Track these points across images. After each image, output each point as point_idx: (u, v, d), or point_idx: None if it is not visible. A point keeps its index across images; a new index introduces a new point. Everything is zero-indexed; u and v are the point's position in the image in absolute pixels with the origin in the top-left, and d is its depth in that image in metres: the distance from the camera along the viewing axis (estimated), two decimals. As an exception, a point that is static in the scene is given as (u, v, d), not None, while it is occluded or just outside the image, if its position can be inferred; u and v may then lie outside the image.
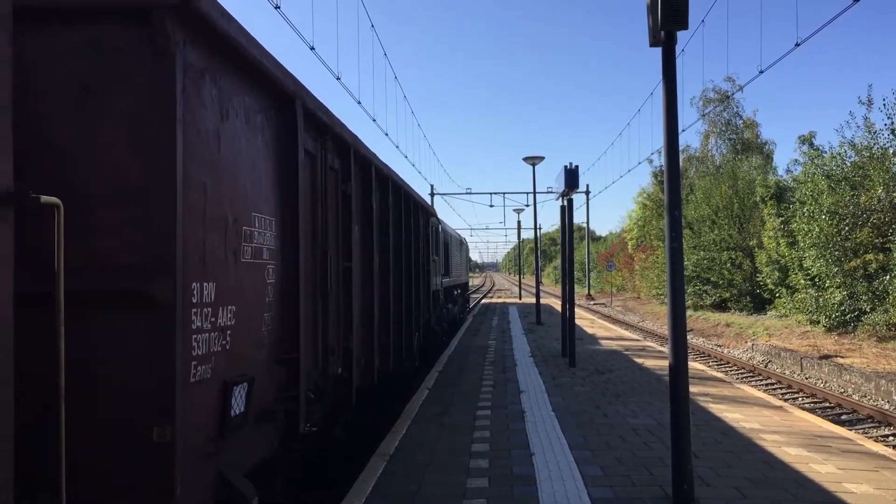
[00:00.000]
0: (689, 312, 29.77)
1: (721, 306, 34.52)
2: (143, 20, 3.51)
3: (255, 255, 4.73)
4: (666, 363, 6.34)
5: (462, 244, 31.60)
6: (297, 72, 5.38)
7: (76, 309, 3.10)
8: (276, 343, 5.15)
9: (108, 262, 3.49)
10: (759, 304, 31.64)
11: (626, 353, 16.26)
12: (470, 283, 45.77)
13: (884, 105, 22.06)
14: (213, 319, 4.03)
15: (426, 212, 14.84)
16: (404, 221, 11.31)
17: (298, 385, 5.37)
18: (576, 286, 38.28)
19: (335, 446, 7.30)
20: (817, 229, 23.21)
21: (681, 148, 6.11)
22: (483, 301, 46.95)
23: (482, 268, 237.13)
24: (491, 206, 59.21)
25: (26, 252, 3.05)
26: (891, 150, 22.25)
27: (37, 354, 2.84)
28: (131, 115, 3.55)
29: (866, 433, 12.01)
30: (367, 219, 8.42)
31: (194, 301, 3.79)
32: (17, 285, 2.59)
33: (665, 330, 25.92)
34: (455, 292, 26.07)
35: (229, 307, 4.25)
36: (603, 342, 18.84)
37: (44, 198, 2.74)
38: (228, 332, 4.23)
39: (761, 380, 17.89)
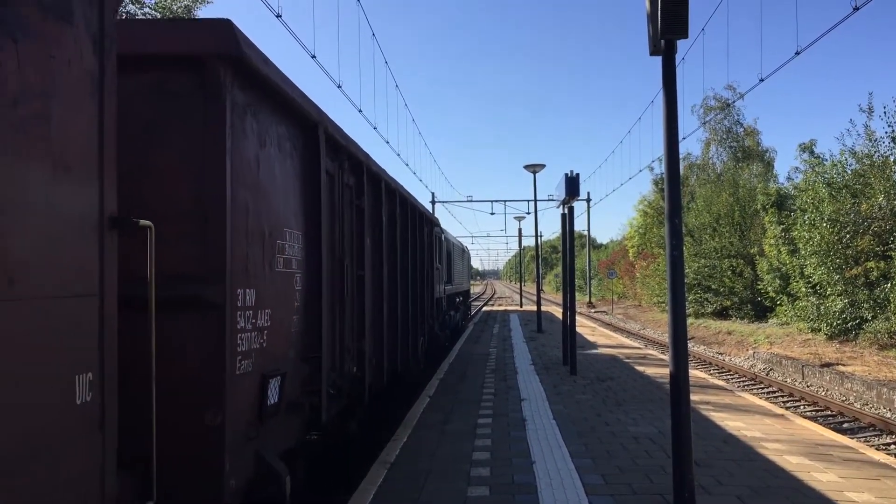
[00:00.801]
0: (690, 320, 29.75)
1: (722, 314, 34.49)
2: (199, 67, 4.15)
3: (286, 265, 5.40)
4: (667, 371, 6.33)
5: (464, 252, 32.38)
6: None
7: (144, 311, 3.50)
8: (302, 343, 5.76)
9: (169, 271, 3.90)
10: (761, 311, 31.62)
11: (627, 360, 16.24)
12: (471, 291, 45.82)
13: (884, 113, 22.12)
14: (253, 321, 4.65)
15: (430, 222, 15.44)
16: (410, 232, 11.93)
17: (321, 381, 5.97)
18: (577, 294, 38.30)
19: (348, 442, 7.65)
20: (818, 237, 23.21)
21: (681, 156, 6.14)
22: (484, 309, 46.92)
23: (483, 275, 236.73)
24: (492, 213, 59.47)
25: None
26: (891, 158, 22.29)
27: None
28: (189, 147, 4.16)
29: (868, 441, 11.98)
30: (377, 230, 9.01)
31: (239, 305, 4.39)
32: None
33: (666, 338, 25.90)
34: (457, 300, 26.85)
35: (266, 310, 4.88)
36: (604, 350, 18.82)
37: (141, 221, 3.34)
38: (265, 332, 4.86)
39: (763, 388, 17.86)
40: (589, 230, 64.41)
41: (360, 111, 18.21)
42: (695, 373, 13.60)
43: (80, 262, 2.82)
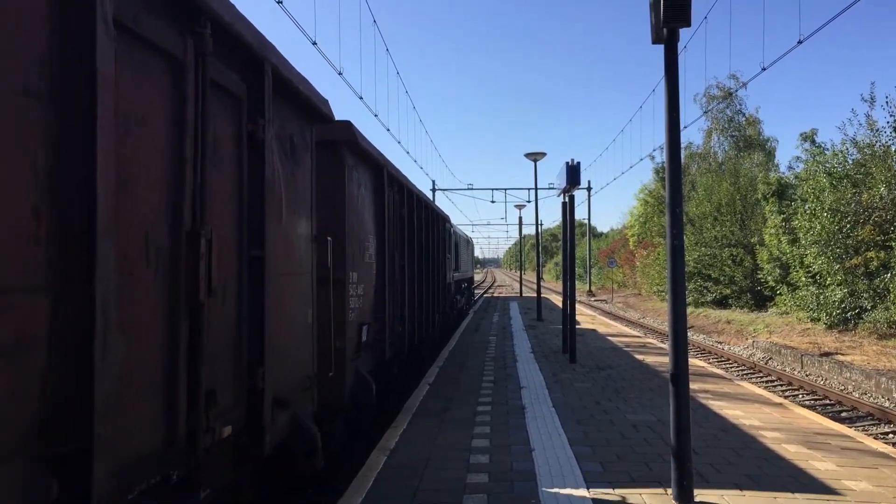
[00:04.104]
0: (689, 309, 29.76)
1: (722, 303, 34.53)
2: (332, 146, 7.24)
3: (369, 258, 8.68)
4: (666, 359, 6.35)
5: (469, 243, 36.07)
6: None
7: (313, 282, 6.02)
8: (375, 307, 9.08)
9: (322, 263, 6.31)
10: (760, 301, 31.66)
11: (627, 349, 16.28)
12: (474, 279, 45.95)
13: (886, 103, 22.06)
14: (357, 291, 7.90)
15: (443, 219, 19.14)
16: (431, 230, 15.20)
17: (385, 332, 9.47)
18: (577, 282, 38.22)
19: (392, 379, 10.49)
20: (819, 227, 23.20)
21: (683, 145, 6.14)
22: (484, 297, 46.91)
23: (483, 263, 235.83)
24: (492, 201, 59.37)
25: None
26: (893, 148, 22.24)
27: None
28: (325, 192, 6.77)
29: (866, 431, 12.02)
30: (411, 230, 12.05)
31: (350, 282, 7.52)
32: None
33: (666, 326, 25.93)
34: (463, 285, 30.63)
35: (361, 285, 8.16)
36: (604, 339, 18.85)
37: (328, 238, 6.46)
38: (361, 298, 8.15)
39: (762, 377, 17.91)
40: (589, 219, 64.37)
41: (361, 98, 18.17)
42: (694, 361, 13.62)
43: (307, 257, 5.70)
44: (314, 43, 13.49)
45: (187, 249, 3.50)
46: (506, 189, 52.98)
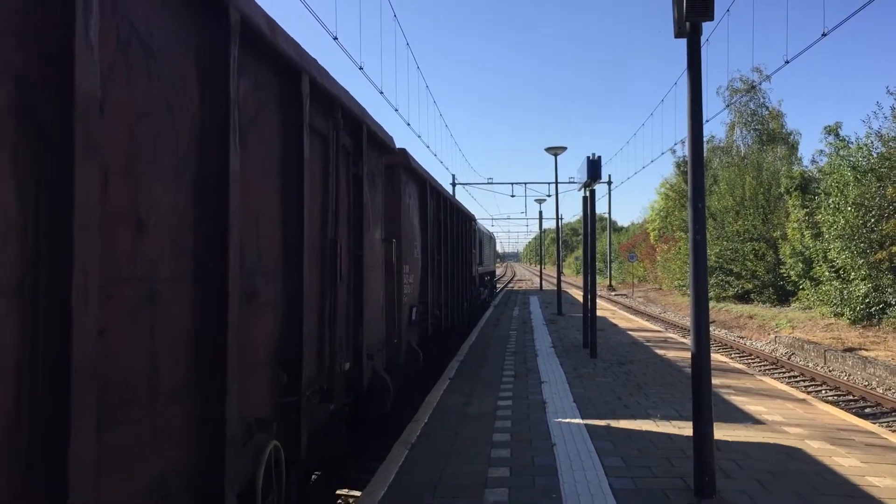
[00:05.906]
0: (711, 304, 29.52)
1: (744, 297, 34.26)
2: (392, 168, 9.25)
3: (416, 254, 10.90)
4: (687, 354, 6.34)
5: (491, 239, 38.97)
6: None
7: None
8: (420, 293, 11.38)
9: (388, 259, 8.46)
10: (783, 295, 31.38)
11: (648, 344, 16.21)
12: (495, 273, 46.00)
13: (913, 95, 21.73)
14: (408, 279, 10.08)
15: (470, 219, 21.91)
16: (460, 229, 17.73)
17: (427, 314, 11.82)
18: (597, 277, 37.98)
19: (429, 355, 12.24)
20: (842, 221, 22.95)
21: (705, 138, 6.11)
22: (504, 290, 46.89)
23: (503, 258, 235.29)
24: (512, 195, 59.13)
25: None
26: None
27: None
28: (387, 204, 8.65)
29: (891, 427, 11.90)
30: (445, 231, 14.50)
31: (404, 272, 9.63)
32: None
33: (687, 321, 25.75)
34: (486, 278, 34.03)
35: (411, 275, 10.38)
36: (624, 333, 18.79)
37: (393, 240, 8.76)
38: (411, 285, 10.38)
39: (784, 372, 17.77)
40: (610, 213, 64.00)
41: (382, 93, 18.17)
42: (716, 356, 13.54)
43: (380, 255, 7.91)
44: (335, 38, 13.55)
45: (330, 251, 5.81)
46: (526, 183, 52.64)
